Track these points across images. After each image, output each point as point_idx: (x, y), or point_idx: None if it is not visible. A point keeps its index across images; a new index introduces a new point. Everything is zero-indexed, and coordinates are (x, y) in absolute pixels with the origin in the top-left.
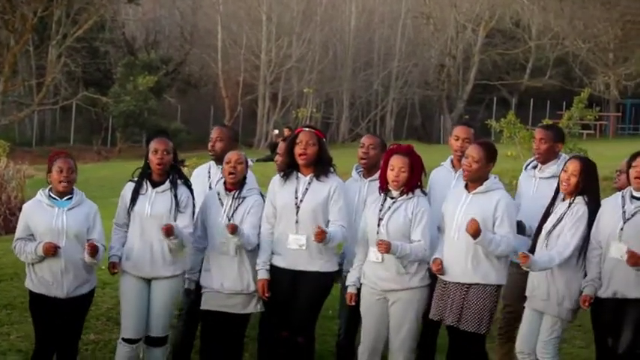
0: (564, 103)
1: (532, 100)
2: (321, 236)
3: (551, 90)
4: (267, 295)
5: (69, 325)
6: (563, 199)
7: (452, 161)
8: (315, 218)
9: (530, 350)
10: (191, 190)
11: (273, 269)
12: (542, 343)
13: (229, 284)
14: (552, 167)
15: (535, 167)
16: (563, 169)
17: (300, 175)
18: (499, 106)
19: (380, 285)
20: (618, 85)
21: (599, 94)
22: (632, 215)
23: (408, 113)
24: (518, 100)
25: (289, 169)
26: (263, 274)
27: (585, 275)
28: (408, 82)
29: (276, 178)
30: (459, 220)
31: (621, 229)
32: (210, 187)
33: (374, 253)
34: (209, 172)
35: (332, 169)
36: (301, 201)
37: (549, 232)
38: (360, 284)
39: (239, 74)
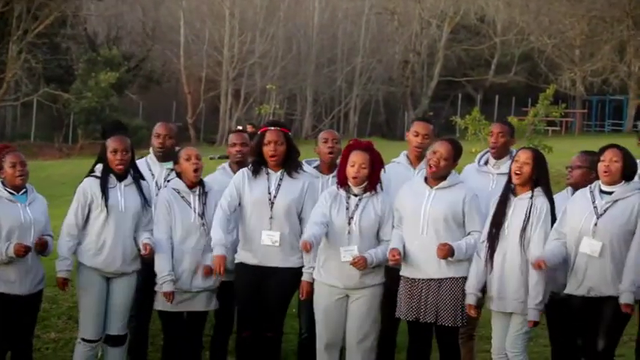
0: (530, 99)
1: (497, 96)
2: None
3: (517, 86)
4: (222, 271)
5: (26, 321)
6: (515, 194)
7: (407, 157)
8: (289, 214)
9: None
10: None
11: (242, 267)
12: (512, 337)
13: (199, 282)
14: (508, 162)
15: (487, 163)
16: (514, 160)
17: (270, 171)
18: (464, 102)
19: (344, 283)
20: (584, 82)
21: (565, 90)
22: (605, 211)
23: (372, 110)
24: (483, 97)
25: (258, 166)
26: (220, 250)
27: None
28: (372, 79)
29: (245, 173)
30: (427, 216)
31: (595, 224)
32: (157, 185)
33: (346, 253)
34: (150, 169)
35: (301, 165)
36: (275, 197)
37: (523, 231)
38: (313, 279)
39: (201, 70)
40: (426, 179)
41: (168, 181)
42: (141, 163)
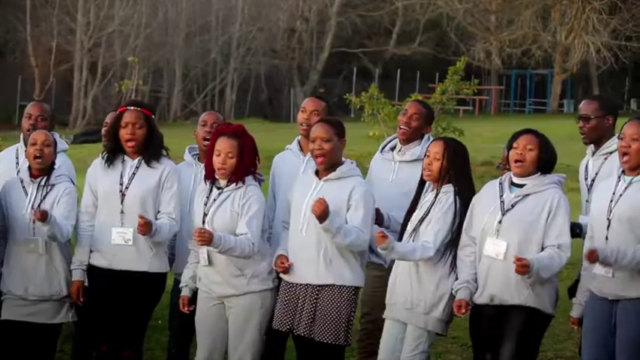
0: (437, 74)
1: (399, 70)
2: (145, 228)
3: (422, 59)
4: (82, 300)
5: None
6: (433, 189)
7: (299, 143)
8: (144, 208)
9: None
10: None
11: (92, 269)
12: (406, 358)
13: (35, 289)
14: (414, 149)
15: (393, 149)
16: (426, 154)
17: (126, 157)
18: (360, 77)
19: (215, 290)
20: (501, 53)
21: (479, 63)
22: (513, 206)
23: (252, 86)
24: (382, 71)
25: (113, 153)
26: (78, 275)
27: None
28: (252, 50)
29: (98, 162)
30: (308, 211)
31: (499, 221)
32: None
33: (201, 255)
34: (17, 157)
35: (164, 152)
36: (127, 187)
37: (415, 229)
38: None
39: (51, 39)
40: (317, 171)
41: None
42: (11, 150)
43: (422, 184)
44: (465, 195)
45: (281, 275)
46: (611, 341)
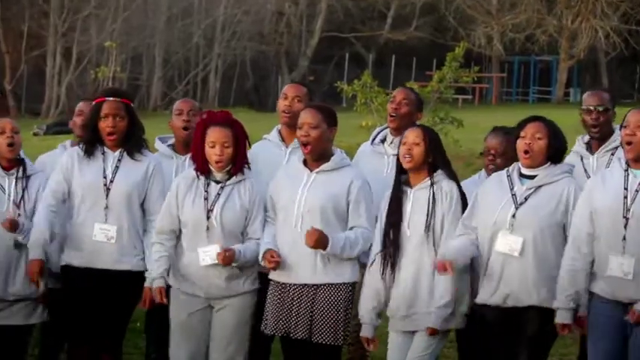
0: (434, 60)
1: (394, 57)
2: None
3: (419, 44)
4: (37, 279)
5: None
6: (411, 185)
7: (280, 132)
8: (130, 203)
9: None
10: None
11: (68, 270)
12: (416, 358)
13: (15, 288)
14: None
15: (384, 141)
16: (400, 142)
17: (106, 149)
18: (352, 64)
19: (209, 292)
20: (503, 39)
21: (479, 49)
22: (526, 199)
23: (238, 73)
24: (376, 58)
25: (92, 144)
26: (37, 254)
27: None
28: (238, 34)
29: (74, 153)
30: (302, 206)
31: (513, 215)
32: None
33: (205, 255)
34: None
35: (144, 144)
36: (111, 182)
37: (429, 229)
38: (168, 285)
39: (23, 23)
40: (305, 162)
41: None
42: None
43: (397, 179)
44: (456, 180)
45: (270, 275)
46: (622, 348)
